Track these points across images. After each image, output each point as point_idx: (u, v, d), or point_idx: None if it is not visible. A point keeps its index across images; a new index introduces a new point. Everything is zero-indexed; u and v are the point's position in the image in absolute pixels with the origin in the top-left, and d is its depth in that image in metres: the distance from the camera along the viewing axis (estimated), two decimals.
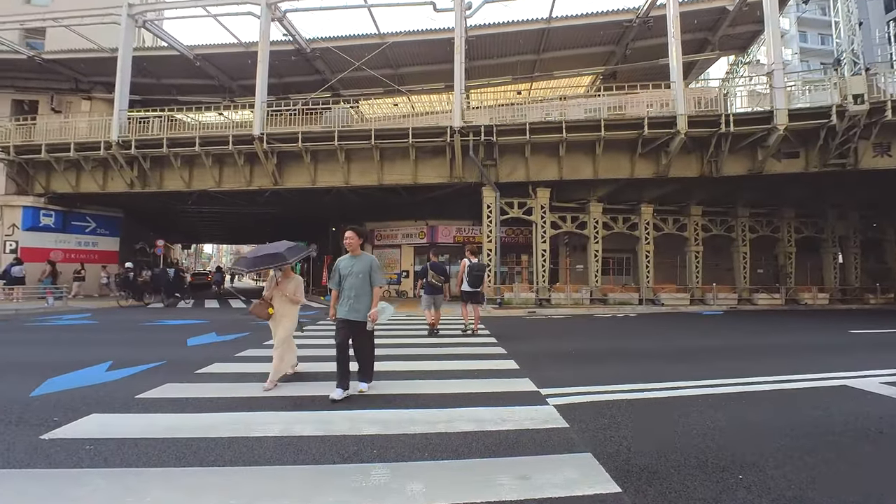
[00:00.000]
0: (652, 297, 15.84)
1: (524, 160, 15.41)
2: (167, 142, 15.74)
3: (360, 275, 4.13)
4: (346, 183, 16.01)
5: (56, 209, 18.72)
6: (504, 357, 6.14)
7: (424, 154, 15.74)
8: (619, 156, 15.17)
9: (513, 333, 8.93)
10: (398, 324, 10.33)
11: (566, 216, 16.10)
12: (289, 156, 16.19)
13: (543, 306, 14.96)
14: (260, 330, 8.82)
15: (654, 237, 16.27)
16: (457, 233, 18.87)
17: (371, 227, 20.55)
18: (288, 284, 4.88)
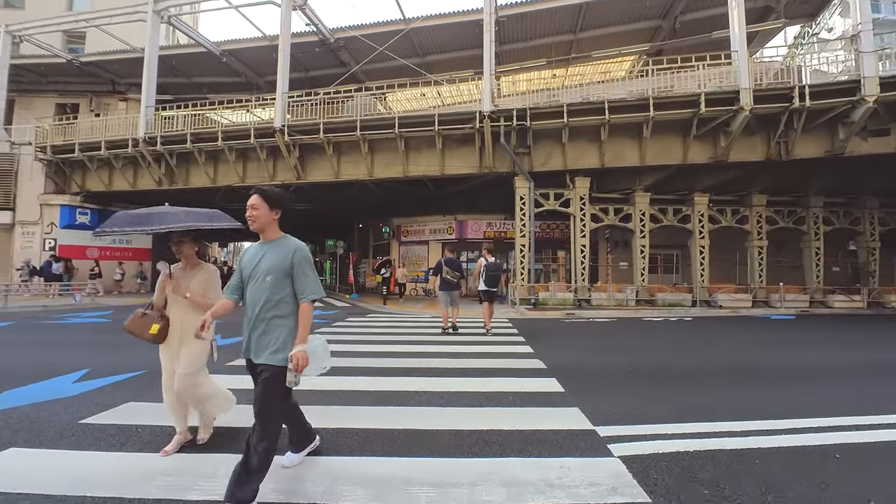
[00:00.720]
0: (707, 299, 14.11)
1: (561, 147, 14.06)
2: (191, 137, 15.47)
3: (268, 276, 2.22)
4: (369, 176, 15.19)
5: (91, 207, 19.01)
6: (543, 374, 4.99)
7: (452, 143, 14.68)
8: (669, 139, 13.53)
9: (551, 340, 7.74)
10: (417, 326, 9.34)
11: (608, 208, 14.61)
12: (311, 149, 15.58)
13: (583, 307, 13.57)
14: None
15: (709, 231, 14.49)
16: (487, 228, 17.71)
17: (397, 223, 19.74)
18: (191, 280, 2.87)
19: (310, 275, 2.24)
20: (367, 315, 11.72)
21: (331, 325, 9.33)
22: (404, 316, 11.72)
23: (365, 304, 15.56)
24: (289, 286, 2.23)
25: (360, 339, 7.44)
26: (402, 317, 11.54)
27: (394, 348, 6.59)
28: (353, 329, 8.79)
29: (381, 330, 8.71)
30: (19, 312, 11.40)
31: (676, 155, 13.56)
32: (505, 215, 17.88)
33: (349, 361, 5.52)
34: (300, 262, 2.22)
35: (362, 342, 7.20)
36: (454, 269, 8.26)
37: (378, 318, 10.89)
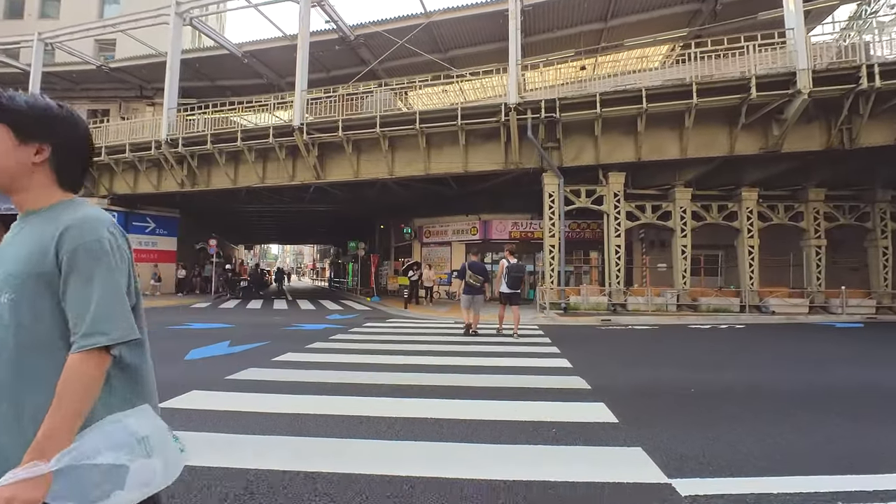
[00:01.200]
0: (758, 304, 12.83)
1: (593, 140, 13.11)
2: (211, 138, 15.31)
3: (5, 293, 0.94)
4: (390, 174, 14.63)
5: (119, 210, 19.20)
6: (587, 396, 4.19)
7: (476, 138, 13.95)
8: (713, 129, 12.39)
9: (589, 352, 6.88)
10: (438, 332, 8.63)
11: (645, 205, 13.53)
12: (330, 147, 15.16)
13: (618, 313, 12.55)
14: (281, 339, 7.52)
15: (758, 229, 13.21)
16: (513, 228, 16.86)
17: (419, 224, 19.13)
18: None
19: (99, 285, 0.94)
20: (386, 320, 11.10)
21: (347, 331, 8.72)
22: (426, 321, 11.03)
23: (386, 307, 14.98)
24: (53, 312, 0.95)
25: (375, 349, 6.78)
26: (423, 322, 10.86)
27: (412, 360, 5.90)
28: (369, 336, 8.16)
29: (399, 337, 8.05)
30: None
31: (722, 146, 12.41)
32: (531, 215, 17.00)
33: (358, 376, 4.85)
34: (78, 256, 0.94)
35: (376, 351, 6.54)
36: (478, 273, 8.16)
37: (398, 324, 10.24)
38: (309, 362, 5.62)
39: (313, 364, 5.50)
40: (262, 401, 3.89)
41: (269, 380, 4.67)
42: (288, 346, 6.70)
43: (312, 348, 6.68)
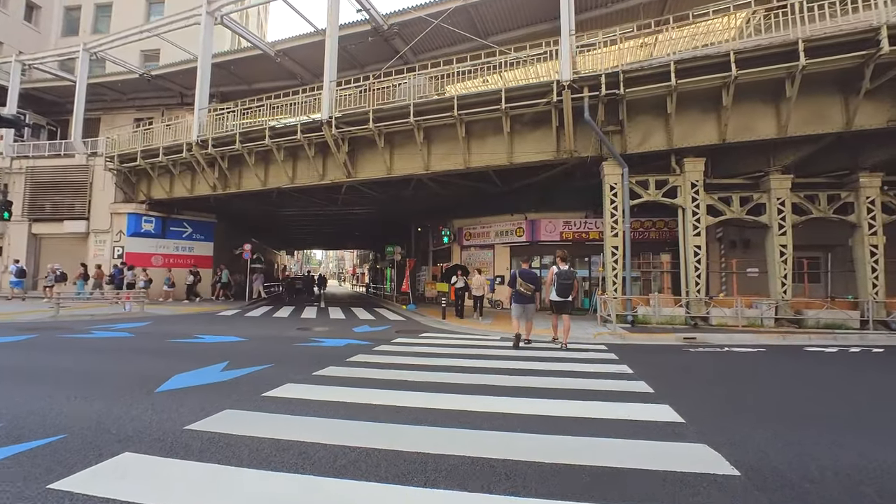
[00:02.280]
0: (885, 318, 10.15)
1: (664, 120, 11.02)
2: (240, 137, 14.57)
3: None
4: (426, 169, 13.18)
5: (156, 215, 19.09)
6: (734, 486, 2.38)
7: (522, 125, 12.23)
8: (822, 98, 9.98)
9: (694, 389, 4.98)
10: (483, 355, 6.95)
11: (730, 197, 11.20)
12: (361, 143, 13.97)
13: (699, 327, 10.31)
14: (290, 361, 6.16)
15: (882, 224, 10.54)
16: (564, 228, 14.90)
17: (459, 226, 17.56)
18: None
19: None
20: (420, 334, 9.55)
21: (371, 349, 7.25)
22: (466, 336, 9.39)
23: (422, 316, 13.50)
24: None
25: (399, 378, 5.23)
26: (462, 337, 9.22)
27: (445, 401, 4.28)
28: (395, 357, 6.64)
29: (432, 360, 6.46)
30: (61, 322, 10.77)
31: (835, 120, 9.94)
32: (586, 213, 14.97)
33: (369, 432, 3.29)
34: None
35: (399, 384, 4.97)
36: (529, 281, 7.64)
37: (433, 340, 8.66)
38: (309, 401, 4.15)
39: (313, 406, 4.02)
40: (209, 484, 2.41)
41: (242, 434, 3.22)
42: (292, 372, 5.31)
43: (321, 376, 5.23)
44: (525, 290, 7.58)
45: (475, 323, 11.33)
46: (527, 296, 7.62)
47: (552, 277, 7.60)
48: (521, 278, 7.63)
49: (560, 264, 7.63)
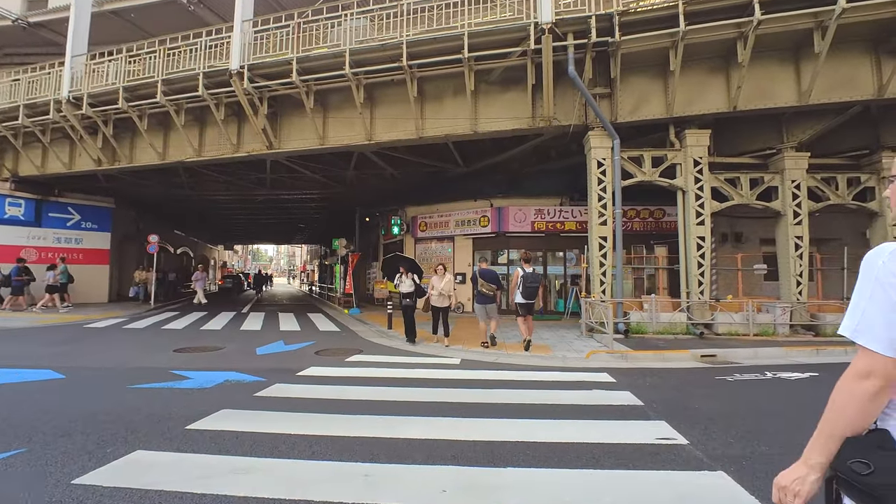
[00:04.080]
0: None
1: (661, 83, 8.97)
2: (125, 93, 11.11)
3: None
4: (369, 139, 10.43)
5: (27, 197, 15.05)
6: None
7: (490, 85, 9.78)
8: (849, 60, 8.23)
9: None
10: (439, 403, 4.40)
11: (738, 178, 9.30)
12: (286, 104, 11.02)
13: (707, 338, 8.32)
14: (52, 444, 3.30)
15: None
16: (536, 217, 12.64)
17: (413, 214, 14.91)
18: None
19: None
20: (348, 358, 6.82)
21: (252, 396, 4.49)
22: (414, 362, 6.78)
23: (363, 324, 10.77)
24: None
25: (279, 452, 2.53)
26: (409, 363, 6.62)
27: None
28: (279, 422, 3.94)
29: (344, 421, 3.83)
30: None
31: (864, 85, 8.21)
32: (561, 199, 12.79)
33: None
34: None
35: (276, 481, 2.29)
36: (490, 281, 7.43)
37: (362, 372, 5.97)
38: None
39: None
40: None
41: None
42: (38, 476, 2.51)
43: (84, 487, 2.46)
44: (487, 290, 7.35)
45: (431, 339, 8.70)
46: (489, 296, 7.38)
47: (517, 280, 7.30)
48: (482, 278, 7.40)
49: (524, 266, 7.40)
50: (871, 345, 0.93)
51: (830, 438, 0.97)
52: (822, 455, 0.97)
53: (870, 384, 0.93)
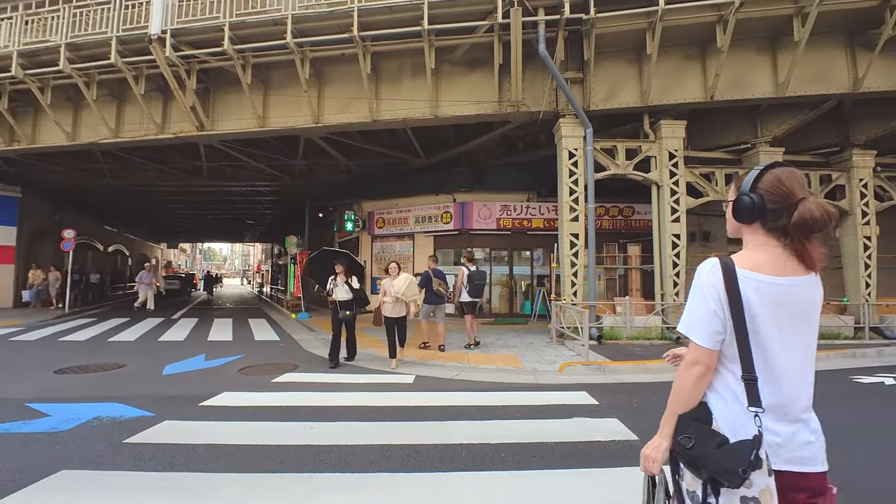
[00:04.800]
0: (878, 325, 8.42)
1: (636, 69, 8.37)
2: (20, 59, 9.30)
3: None
4: (316, 121, 9.21)
5: None
6: None
7: (453, 65, 8.84)
8: (825, 52, 7.91)
9: None
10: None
11: (713, 173, 8.84)
12: (221, 80, 9.63)
13: (682, 343, 7.72)
14: None
15: (875, 211, 8.85)
16: (502, 213, 11.83)
17: (369, 209, 13.72)
18: None
19: None
20: (277, 377, 5.63)
21: (128, 438, 3.30)
22: (358, 384, 5.67)
23: (309, 332, 9.50)
24: None
25: None
26: (350, 386, 5.53)
27: None
28: (158, 482, 2.76)
29: (243, 483, 2.70)
30: None
31: (839, 79, 7.91)
32: (528, 195, 12.03)
33: None
34: None
35: None
36: (444, 280, 7.23)
37: (291, 399, 4.83)
38: None
39: None
40: None
41: None
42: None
43: None
44: (443, 290, 7.17)
45: (383, 350, 7.57)
46: (443, 296, 7.22)
47: (463, 279, 7.34)
48: (437, 278, 7.17)
49: (469, 265, 7.48)
50: (698, 340, 1.17)
51: (673, 415, 1.19)
52: (670, 428, 1.18)
53: (696, 370, 1.16)
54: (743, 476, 1.00)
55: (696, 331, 1.17)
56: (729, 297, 1.12)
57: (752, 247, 1.19)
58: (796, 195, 1.11)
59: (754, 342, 1.11)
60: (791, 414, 1.11)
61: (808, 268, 1.13)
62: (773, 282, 1.11)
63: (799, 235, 1.11)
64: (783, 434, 1.09)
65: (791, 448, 1.08)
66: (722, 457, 1.04)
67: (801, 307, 1.12)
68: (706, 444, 1.07)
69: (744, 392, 1.10)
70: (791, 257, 1.13)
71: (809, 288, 1.13)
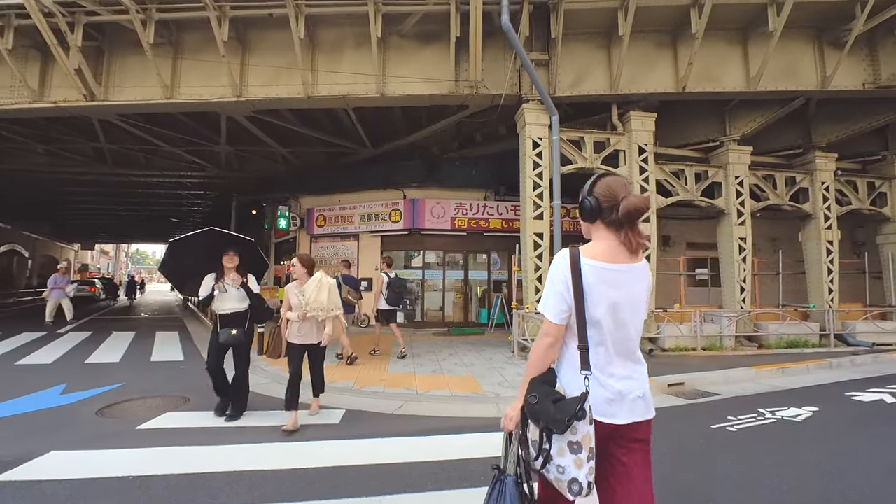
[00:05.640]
0: (841, 332, 8.17)
1: (605, 52, 7.66)
2: None
3: None
4: (238, 95, 7.67)
5: None
6: None
7: (404, 39, 7.68)
8: (794, 47, 7.56)
9: None
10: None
11: (682, 171, 8.27)
12: (119, 39, 7.89)
13: (655, 356, 7.01)
14: None
15: (836, 214, 8.66)
16: (457, 212, 10.76)
17: (309, 206, 12.16)
18: None
19: None
20: (146, 422, 4.11)
21: None
22: (273, 423, 4.26)
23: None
24: None
25: None
26: (260, 437, 4.14)
27: None
28: None
29: None
30: None
31: (807, 76, 7.59)
32: (486, 192, 11.07)
33: None
34: None
35: None
36: (355, 288, 7.09)
37: (151, 461, 3.38)
38: None
39: None
40: None
41: None
42: None
43: None
44: (354, 298, 7.01)
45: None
46: (352, 304, 7.04)
47: (382, 286, 7.00)
48: (347, 285, 6.91)
49: (388, 272, 7.13)
50: (548, 316, 1.41)
51: (528, 379, 1.40)
52: (524, 390, 1.39)
53: (546, 340, 1.41)
54: (567, 424, 1.26)
55: (548, 310, 1.41)
56: (573, 281, 1.36)
57: (595, 240, 1.46)
58: (620, 195, 1.39)
59: (590, 318, 1.36)
60: (619, 376, 1.37)
61: (633, 252, 1.39)
62: (607, 268, 1.36)
63: (627, 224, 1.37)
64: (614, 391, 1.35)
65: (623, 404, 1.35)
66: (555, 410, 1.29)
67: (629, 289, 1.37)
68: (546, 400, 1.31)
69: (579, 359, 1.36)
70: (623, 249, 1.38)
71: (637, 273, 1.40)
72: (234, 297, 3.98)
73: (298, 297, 3.83)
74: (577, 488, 1.26)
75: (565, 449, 1.26)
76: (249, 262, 4.20)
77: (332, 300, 3.87)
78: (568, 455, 1.26)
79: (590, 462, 1.25)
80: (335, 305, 3.92)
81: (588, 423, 1.26)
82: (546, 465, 1.30)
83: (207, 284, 3.98)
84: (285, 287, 4.11)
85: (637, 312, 1.38)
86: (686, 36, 7.29)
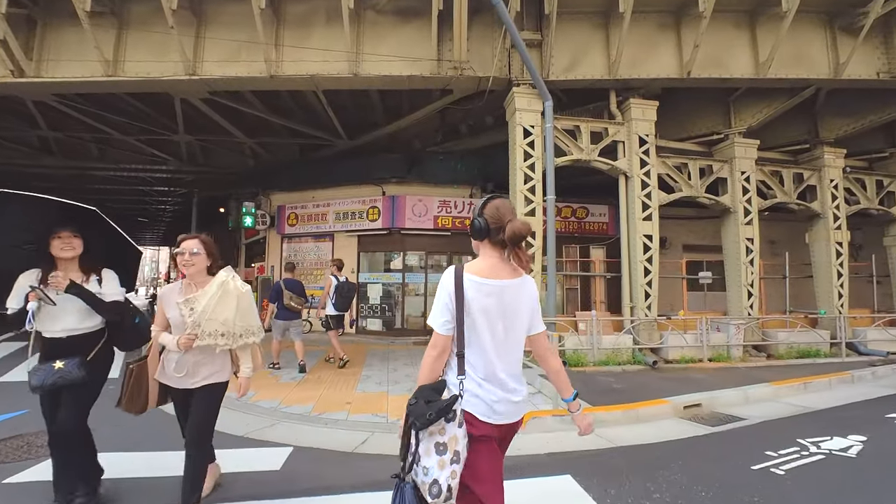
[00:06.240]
0: (852, 340, 7.58)
1: (603, 33, 6.98)
2: None
3: None
4: (191, 73, 6.73)
5: None
6: None
7: (381, 14, 6.89)
8: (804, 32, 6.98)
9: None
10: None
11: (685, 165, 7.61)
12: (54, 8, 6.95)
13: (660, 369, 6.27)
14: None
15: (846, 213, 8.11)
16: (440, 210, 9.94)
17: (280, 203, 11.19)
18: None
19: None
20: (11, 476, 3.19)
21: None
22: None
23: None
24: None
25: None
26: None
27: None
28: None
29: None
30: None
31: (819, 64, 7.01)
32: (472, 189, 10.28)
33: None
34: None
35: None
36: (299, 294, 6.43)
37: None
38: None
39: None
40: None
41: None
42: None
43: None
44: (296, 304, 6.32)
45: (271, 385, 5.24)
46: (296, 311, 6.36)
47: (330, 290, 6.55)
48: (289, 291, 6.29)
49: (337, 275, 6.70)
50: (435, 328, 1.48)
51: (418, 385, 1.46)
52: None
53: (434, 351, 1.48)
54: (428, 419, 1.32)
55: (435, 321, 1.49)
56: (456, 294, 1.46)
57: (481, 257, 1.56)
58: (506, 218, 1.50)
59: (470, 328, 1.46)
60: (496, 381, 1.47)
61: (518, 269, 1.53)
62: (487, 283, 1.47)
63: (512, 244, 1.49)
64: (496, 395, 1.45)
65: (501, 406, 1.45)
66: (426, 409, 1.34)
67: (507, 302, 1.49)
68: (421, 401, 1.36)
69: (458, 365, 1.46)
70: (505, 266, 1.52)
71: (517, 288, 1.52)
72: (69, 310, 2.38)
73: (181, 309, 2.29)
74: (436, 490, 1.31)
75: (432, 449, 1.35)
76: (105, 250, 2.61)
77: (243, 317, 2.36)
78: (434, 455, 1.34)
79: (453, 465, 1.33)
80: (248, 326, 2.38)
81: (457, 425, 1.38)
82: (413, 466, 1.36)
83: (21, 290, 2.31)
84: (159, 292, 2.57)
85: (515, 324, 1.51)
86: (691, 16, 6.64)
